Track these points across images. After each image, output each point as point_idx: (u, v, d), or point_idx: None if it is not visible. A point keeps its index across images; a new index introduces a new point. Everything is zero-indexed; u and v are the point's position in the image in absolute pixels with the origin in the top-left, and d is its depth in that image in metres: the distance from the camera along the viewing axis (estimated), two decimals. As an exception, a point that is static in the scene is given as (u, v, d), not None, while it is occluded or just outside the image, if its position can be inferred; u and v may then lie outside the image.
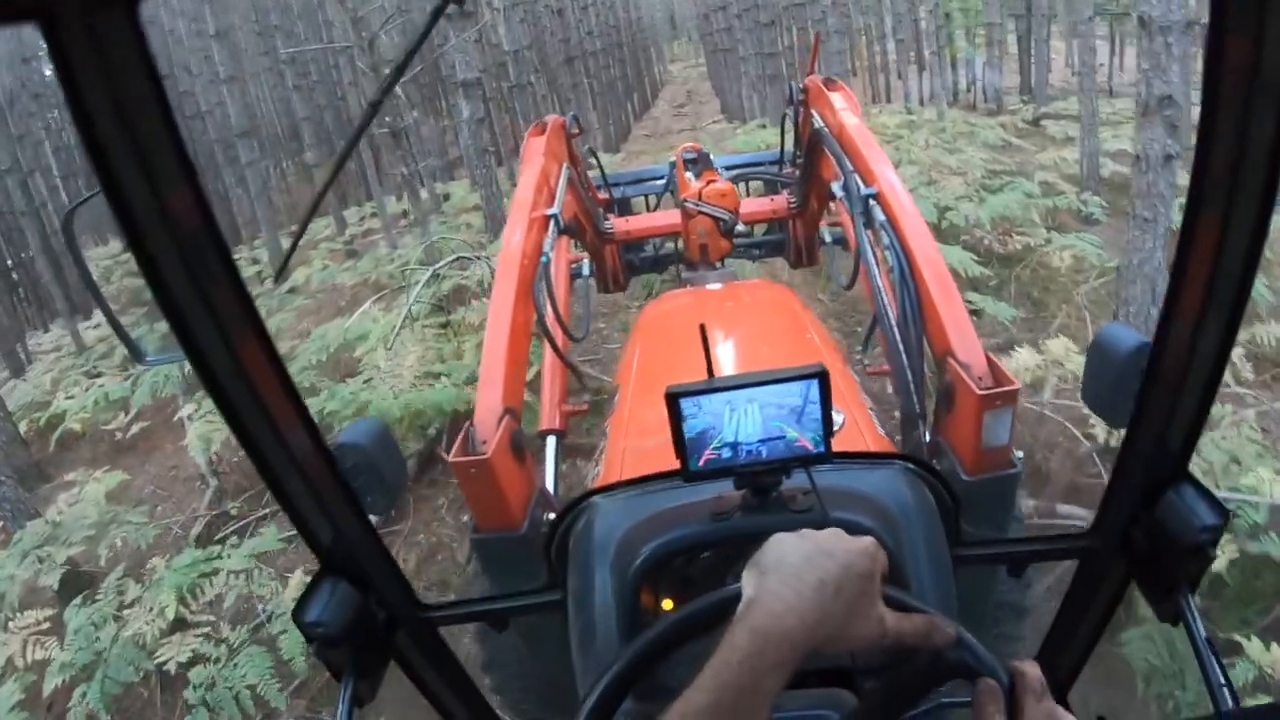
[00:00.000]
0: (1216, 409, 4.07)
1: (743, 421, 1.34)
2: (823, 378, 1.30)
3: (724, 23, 23.37)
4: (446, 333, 6.24)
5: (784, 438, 1.36)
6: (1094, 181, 9.10)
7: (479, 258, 6.86)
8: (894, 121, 13.46)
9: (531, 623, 2.00)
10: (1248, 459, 3.72)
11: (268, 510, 5.68)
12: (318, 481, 1.14)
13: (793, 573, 0.87)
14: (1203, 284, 0.99)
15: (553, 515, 2.17)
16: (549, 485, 2.60)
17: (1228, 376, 4.50)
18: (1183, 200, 1.10)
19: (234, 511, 5.79)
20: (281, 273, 9.78)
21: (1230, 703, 1.13)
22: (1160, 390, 1.12)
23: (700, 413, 1.33)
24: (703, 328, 1.38)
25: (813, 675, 1.32)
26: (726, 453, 1.37)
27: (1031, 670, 0.89)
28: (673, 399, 1.31)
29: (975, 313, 5.75)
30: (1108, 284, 6.45)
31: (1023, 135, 12.61)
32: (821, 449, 1.36)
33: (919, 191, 7.73)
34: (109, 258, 17.07)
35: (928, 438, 2.46)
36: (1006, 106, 16.68)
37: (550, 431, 2.90)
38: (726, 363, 2.86)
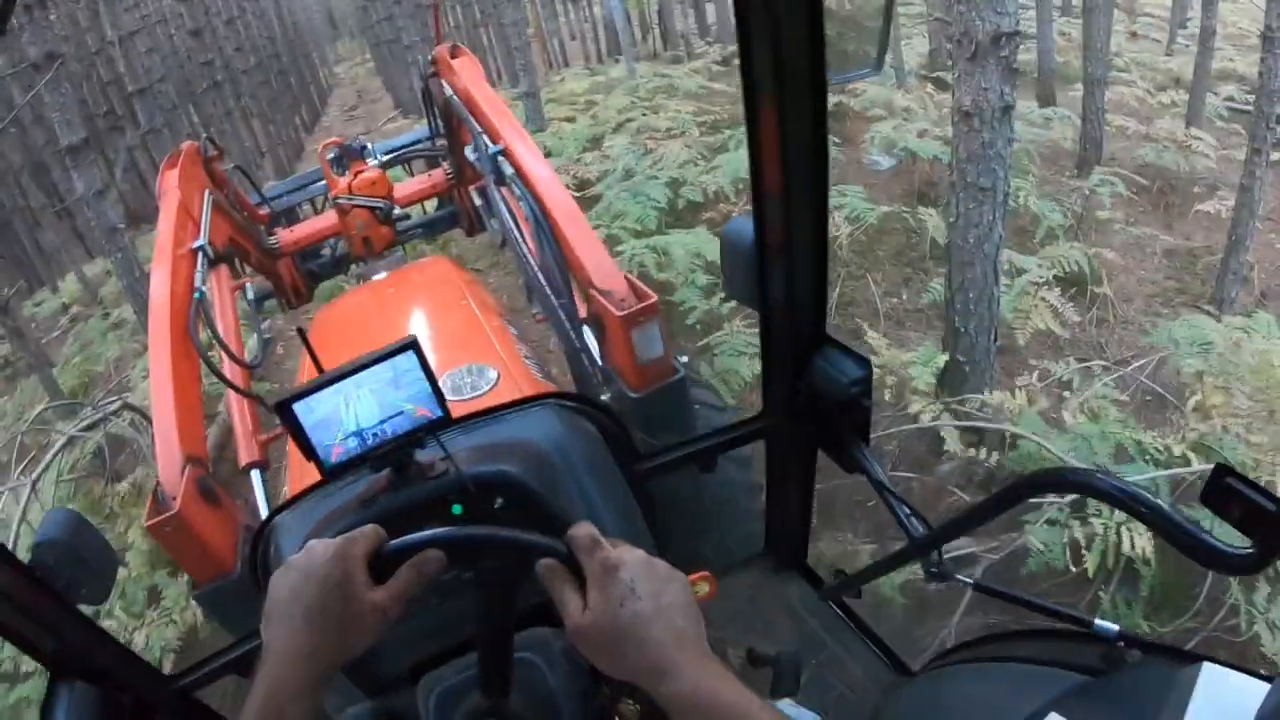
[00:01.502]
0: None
1: (359, 409, 1.37)
2: (413, 346, 1.35)
3: (384, 13, 21.57)
4: (105, 507, 4.56)
5: (403, 413, 1.40)
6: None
7: (117, 411, 5.11)
8: (582, 87, 12.61)
9: None
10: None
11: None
12: (20, 596, 1.12)
13: (283, 612, 0.91)
14: (778, 164, 1.11)
15: None
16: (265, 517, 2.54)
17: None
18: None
19: None
20: None
21: (921, 530, 1.41)
22: (776, 269, 1.25)
23: (317, 412, 1.34)
24: (300, 331, 1.48)
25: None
26: (353, 442, 1.39)
27: (579, 530, 0.94)
28: (284, 407, 1.32)
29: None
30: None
31: (718, 78, 12.04)
32: (440, 413, 1.42)
33: (640, 168, 6.85)
34: None
35: (601, 367, 2.56)
36: (694, 51, 16.17)
37: (252, 465, 2.84)
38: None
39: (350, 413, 1.35)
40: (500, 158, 2.93)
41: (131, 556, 4.26)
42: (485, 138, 3.11)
